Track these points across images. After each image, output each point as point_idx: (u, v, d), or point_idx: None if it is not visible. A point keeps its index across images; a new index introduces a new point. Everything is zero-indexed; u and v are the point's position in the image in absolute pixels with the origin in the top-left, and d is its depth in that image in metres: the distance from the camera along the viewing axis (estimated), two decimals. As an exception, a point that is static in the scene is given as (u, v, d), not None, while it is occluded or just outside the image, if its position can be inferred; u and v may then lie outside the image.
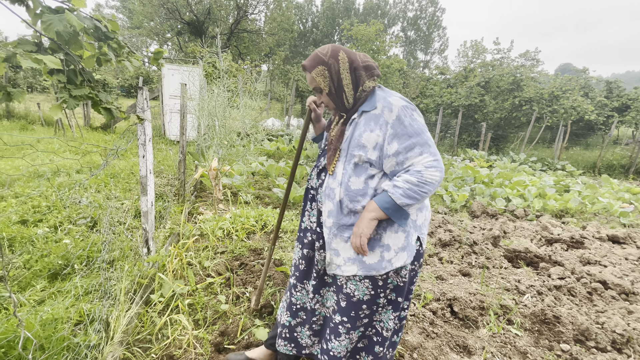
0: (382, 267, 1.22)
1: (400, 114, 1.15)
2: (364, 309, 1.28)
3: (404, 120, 1.15)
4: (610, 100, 14.02)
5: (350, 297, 1.28)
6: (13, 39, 16.22)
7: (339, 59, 1.22)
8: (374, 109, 1.20)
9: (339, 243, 1.25)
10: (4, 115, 9.07)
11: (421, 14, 36.48)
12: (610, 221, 4.76)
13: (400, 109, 1.16)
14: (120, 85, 19.55)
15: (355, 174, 1.21)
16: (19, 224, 2.82)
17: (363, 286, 1.26)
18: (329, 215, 1.25)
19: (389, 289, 1.28)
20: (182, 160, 3.87)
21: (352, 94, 1.24)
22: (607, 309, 2.45)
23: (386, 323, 1.33)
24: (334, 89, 1.24)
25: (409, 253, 1.24)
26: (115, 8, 27.14)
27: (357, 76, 1.22)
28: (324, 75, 1.23)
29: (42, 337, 1.44)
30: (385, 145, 1.17)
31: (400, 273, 1.27)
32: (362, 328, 1.33)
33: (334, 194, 1.23)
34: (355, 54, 1.25)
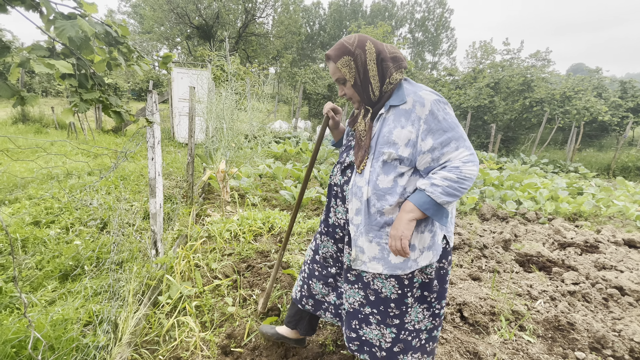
0: (408, 266, 1.21)
1: (434, 109, 1.11)
2: (392, 307, 1.28)
3: (438, 114, 1.11)
4: (625, 101, 13.69)
5: (378, 293, 1.28)
6: (27, 45, 16.70)
7: (366, 49, 1.17)
8: (403, 104, 1.16)
9: (364, 242, 1.23)
10: (19, 118, 9.31)
11: (429, 15, 36.32)
12: (626, 225, 4.63)
13: (433, 103, 1.12)
14: (131, 89, 19.91)
15: (383, 172, 1.17)
16: (32, 225, 2.87)
17: (389, 284, 1.26)
18: (357, 213, 1.23)
19: (416, 287, 1.28)
20: (190, 163, 3.91)
21: (379, 87, 1.19)
22: (624, 316, 2.37)
23: (416, 317, 1.32)
24: (359, 81, 1.20)
25: (435, 252, 1.23)
26: (127, 14, 27.71)
27: (384, 67, 1.18)
28: (349, 66, 1.18)
29: (52, 338, 1.46)
30: (418, 141, 1.13)
31: (425, 271, 1.26)
32: (394, 329, 1.30)
33: (361, 193, 1.20)
34: (383, 45, 1.21)
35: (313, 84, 18.86)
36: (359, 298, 1.32)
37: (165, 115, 11.19)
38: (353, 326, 1.36)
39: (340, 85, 1.27)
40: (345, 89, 1.26)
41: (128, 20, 26.17)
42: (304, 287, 1.58)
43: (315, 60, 33.44)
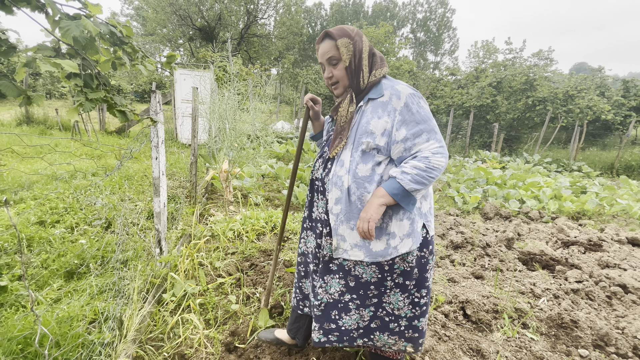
0: (388, 253, 1.25)
1: (408, 101, 1.19)
2: (372, 289, 1.32)
3: (412, 107, 1.19)
4: (628, 100, 13.60)
5: (358, 278, 1.32)
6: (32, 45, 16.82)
7: (363, 40, 1.27)
8: (380, 97, 1.24)
9: (345, 230, 1.27)
10: (24, 120, 9.38)
11: (431, 15, 36.27)
12: (630, 223, 4.61)
13: (408, 97, 1.20)
14: (134, 91, 20.03)
15: (362, 161, 1.23)
16: (37, 224, 2.90)
17: (370, 270, 1.30)
18: (337, 202, 1.27)
19: (396, 274, 1.30)
20: (193, 163, 3.93)
21: (368, 76, 1.27)
22: (627, 314, 2.36)
23: (396, 304, 1.34)
24: (353, 65, 1.26)
25: (414, 240, 1.26)
26: (130, 16, 27.89)
27: (373, 61, 1.28)
28: (348, 48, 1.24)
29: (58, 334, 1.48)
30: (393, 131, 1.20)
31: (406, 259, 1.29)
32: (372, 307, 1.34)
33: (342, 182, 1.25)
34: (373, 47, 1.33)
35: (315, 85, 18.89)
36: (339, 287, 1.34)
37: (168, 117, 11.25)
38: (333, 317, 1.37)
39: (329, 67, 1.30)
40: (336, 71, 1.28)
41: (131, 22, 26.34)
42: (297, 291, 1.61)
43: (317, 61, 33.51)
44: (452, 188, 5.88)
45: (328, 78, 1.32)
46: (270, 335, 1.75)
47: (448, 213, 4.65)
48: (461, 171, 7.25)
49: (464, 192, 5.37)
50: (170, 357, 1.68)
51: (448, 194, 5.53)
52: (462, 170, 7.31)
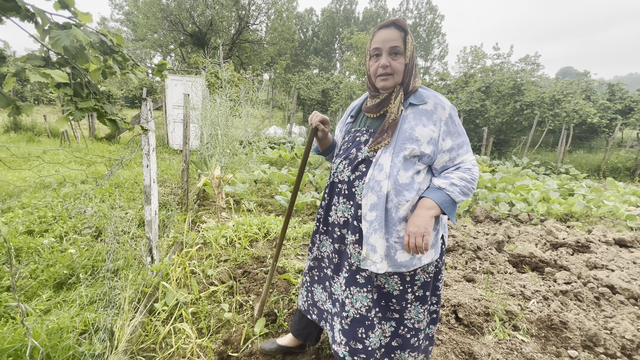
0: (412, 264, 1.25)
1: (452, 113, 1.24)
2: (393, 302, 1.32)
3: (455, 119, 1.24)
4: (613, 103, 13.98)
5: (381, 288, 1.32)
6: (20, 53, 16.47)
7: (414, 43, 1.26)
8: (423, 104, 1.24)
9: (377, 240, 1.21)
10: (11, 127, 9.22)
11: (420, 21, 36.83)
12: (617, 225, 4.72)
13: (452, 109, 1.25)
14: (124, 96, 19.83)
15: (404, 168, 1.20)
16: (26, 234, 2.85)
17: (392, 281, 1.30)
18: (372, 208, 1.20)
19: (417, 286, 1.31)
20: (185, 169, 3.91)
21: (414, 79, 1.27)
22: (615, 314, 2.41)
23: (416, 317, 1.35)
24: (410, 64, 1.24)
25: (436, 250, 1.29)
26: (120, 21, 27.69)
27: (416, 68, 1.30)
28: (412, 45, 1.23)
29: (48, 346, 1.45)
30: (439, 140, 1.22)
31: (427, 270, 1.31)
32: (393, 322, 1.33)
33: (380, 187, 1.19)
34: None
35: (307, 90, 18.97)
36: (367, 302, 1.29)
37: (159, 122, 11.16)
38: (359, 335, 1.30)
39: (388, 56, 1.21)
40: (395, 62, 1.22)
41: (121, 27, 26.17)
42: (308, 295, 1.58)
43: (309, 66, 33.67)
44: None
45: (383, 67, 1.22)
46: (274, 345, 1.75)
47: (440, 217, 4.70)
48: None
49: (455, 195, 5.43)
50: (163, 368, 1.66)
51: (440, 198, 5.59)
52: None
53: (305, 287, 1.61)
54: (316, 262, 1.52)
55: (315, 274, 1.53)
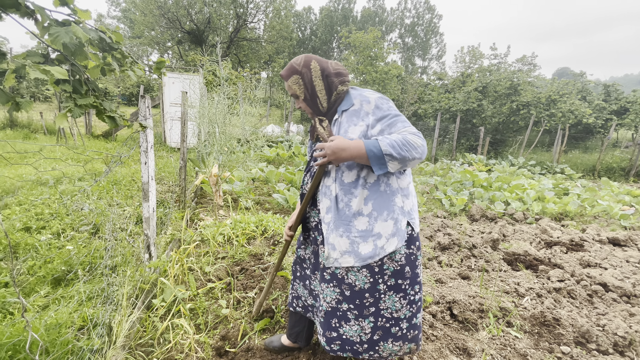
0: (377, 254, 1.29)
1: (378, 103, 1.28)
2: (367, 297, 1.34)
3: (382, 106, 1.28)
4: (609, 104, 14.11)
5: (352, 286, 1.35)
6: (16, 49, 16.34)
7: (311, 68, 1.32)
8: (352, 106, 1.32)
9: (335, 238, 1.31)
10: (7, 124, 9.15)
11: (418, 20, 36.89)
12: (611, 224, 4.77)
13: (377, 99, 1.29)
14: (121, 94, 19.73)
15: (347, 169, 1.30)
16: (23, 231, 2.85)
17: (362, 275, 1.33)
18: (327, 211, 1.33)
19: (387, 275, 1.33)
20: (182, 167, 3.91)
21: (326, 99, 1.35)
22: (608, 312, 2.45)
23: (393, 307, 1.36)
24: (308, 95, 1.34)
25: (399, 237, 1.31)
26: (117, 18, 27.51)
27: (329, 82, 1.33)
28: (298, 84, 1.33)
29: (47, 341, 1.47)
30: (369, 130, 1.27)
31: (394, 258, 1.32)
32: (371, 318, 1.36)
33: (330, 191, 1.32)
34: (327, 62, 1.35)
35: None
36: (336, 295, 1.37)
37: (157, 120, 11.12)
38: (333, 325, 1.40)
39: (295, 100, 1.41)
40: (300, 103, 1.40)
41: (118, 24, 26.00)
42: (292, 288, 1.67)
43: (307, 65, 33.58)
44: (440, 191, 5.99)
45: (298, 108, 1.44)
46: (278, 343, 1.79)
47: (435, 215, 4.74)
48: (448, 174, 7.38)
49: (451, 194, 5.48)
50: (161, 363, 1.68)
51: (435, 197, 5.63)
52: (449, 173, 7.45)
53: (291, 281, 1.70)
54: (299, 260, 1.62)
55: (298, 270, 1.63)
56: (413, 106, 16.13)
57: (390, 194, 1.31)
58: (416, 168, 8.84)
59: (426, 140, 10.81)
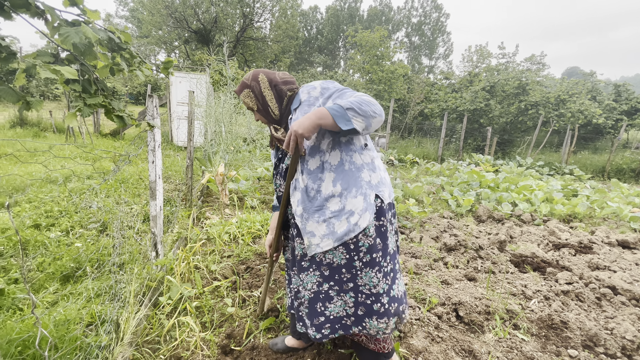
0: (351, 230, 1.31)
1: (323, 85, 1.37)
2: (344, 272, 1.37)
3: (328, 86, 1.37)
4: (619, 104, 13.87)
5: (330, 264, 1.38)
6: (26, 48, 16.53)
7: (259, 80, 1.41)
8: (301, 100, 1.39)
9: (312, 225, 1.35)
10: (17, 122, 9.30)
11: (425, 19, 36.63)
12: (620, 226, 4.70)
13: (321, 83, 1.38)
14: (129, 93, 19.94)
15: (311, 156, 1.34)
16: (33, 228, 2.89)
17: (338, 252, 1.36)
18: (299, 203, 1.37)
19: (362, 252, 1.35)
20: (189, 166, 3.94)
21: (277, 107, 1.42)
22: (616, 315, 2.42)
23: (370, 282, 1.38)
24: (260, 106, 1.42)
25: (371, 211, 1.33)
26: (125, 18, 27.78)
27: (278, 91, 1.41)
28: (250, 96, 1.42)
29: (56, 337, 1.49)
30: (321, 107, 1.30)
31: (368, 233, 1.34)
32: (351, 292, 1.39)
33: (299, 183, 1.37)
34: (275, 73, 1.44)
35: (311, 88, 18.95)
36: (316, 279, 1.41)
37: (164, 119, 11.21)
38: (319, 309, 1.42)
39: (253, 112, 1.49)
40: (256, 115, 1.48)
41: (125, 24, 26.25)
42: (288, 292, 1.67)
43: (312, 64, 33.63)
44: (446, 191, 5.95)
45: (257, 120, 1.51)
46: (282, 344, 1.81)
47: (442, 216, 4.71)
48: (455, 174, 7.33)
49: (457, 195, 5.44)
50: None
51: (442, 197, 5.60)
52: (455, 174, 7.39)
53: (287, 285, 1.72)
54: (287, 263, 1.67)
55: (287, 273, 1.66)
56: (419, 106, 16.03)
57: (356, 171, 1.34)
58: (422, 168, 8.79)
59: (433, 140, 10.66)
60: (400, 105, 16.25)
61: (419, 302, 2.36)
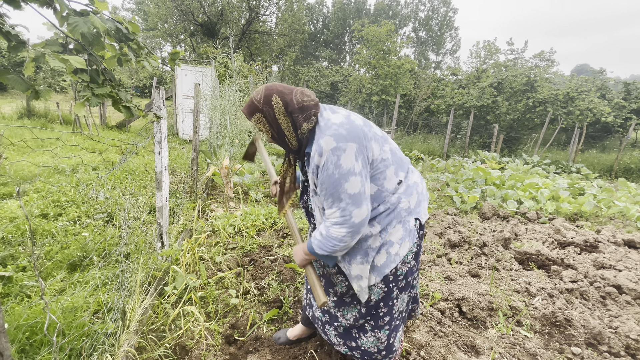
0: (392, 261, 1.27)
1: (328, 160, 1.10)
2: (381, 307, 1.36)
3: (329, 166, 1.10)
4: (629, 102, 13.62)
5: (368, 302, 1.36)
6: (33, 39, 16.56)
7: (273, 104, 1.16)
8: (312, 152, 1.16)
9: (356, 267, 1.28)
10: (25, 113, 9.38)
11: (433, 14, 36.14)
12: (627, 225, 4.65)
13: (329, 153, 1.09)
14: (134, 86, 20.00)
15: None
16: (41, 217, 2.93)
17: (377, 289, 1.32)
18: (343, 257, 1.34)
19: (400, 279, 1.34)
20: (194, 159, 3.96)
21: (295, 136, 1.20)
22: (621, 314, 2.40)
23: (402, 305, 1.42)
24: (275, 134, 1.21)
25: (410, 238, 1.29)
26: (131, 10, 27.75)
27: (294, 119, 1.17)
28: (262, 122, 1.20)
29: (64, 324, 1.52)
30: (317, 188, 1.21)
31: (406, 260, 1.32)
32: (386, 327, 1.39)
33: None
34: (291, 94, 1.17)
35: (316, 82, 18.88)
36: (355, 313, 1.40)
37: (169, 112, 11.25)
38: (354, 335, 1.44)
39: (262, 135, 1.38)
40: (271, 141, 1.28)
41: (132, 16, 26.21)
42: (305, 296, 1.72)
43: (318, 59, 33.41)
44: (451, 188, 5.92)
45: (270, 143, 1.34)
46: (284, 337, 1.82)
47: (446, 212, 4.69)
48: (460, 171, 7.28)
49: (462, 192, 5.41)
50: (172, 348, 1.72)
51: (447, 194, 5.57)
52: (461, 170, 7.34)
53: (305, 286, 1.73)
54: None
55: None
56: (426, 101, 15.90)
57: (393, 207, 1.25)
58: (427, 164, 8.74)
59: (439, 137, 10.49)
60: (406, 100, 16.12)
61: (422, 297, 2.37)
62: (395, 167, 1.25)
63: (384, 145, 1.22)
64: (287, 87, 1.20)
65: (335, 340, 1.49)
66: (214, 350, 1.73)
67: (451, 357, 1.83)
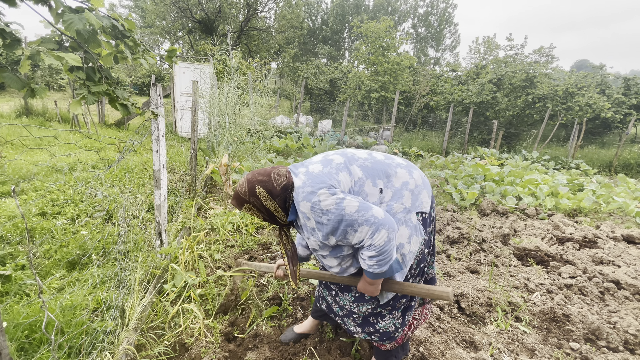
0: (408, 259, 1.33)
1: (317, 220, 1.20)
2: (398, 296, 1.41)
3: (322, 220, 1.18)
4: (628, 98, 13.60)
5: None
6: (30, 38, 16.48)
7: (258, 195, 1.25)
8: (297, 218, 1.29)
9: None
10: (23, 112, 9.34)
11: (432, 10, 35.97)
12: (626, 221, 4.66)
13: (314, 215, 1.19)
14: (132, 83, 19.93)
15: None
16: (39, 216, 2.93)
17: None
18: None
19: (414, 268, 1.39)
20: (193, 156, 3.95)
21: (284, 214, 1.30)
22: (619, 309, 2.41)
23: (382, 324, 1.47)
24: (267, 217, 1.31)
25: (418, 232, 1.33)
26: (129, 7, 27.56)
27: (280, 201, 1.26)
28: (252, 210, 1.30)
29: (62, 322, 1.52)
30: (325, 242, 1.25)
31: (418, 254, 1.38)
32: (403, 307, 1.46)
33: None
34: (271, 180, 1.26)
35: (315, 79, 18.81)
36: (372, 306, 1.45)
37: (167, 110, 11.22)
38: (372, 321, 1.47)
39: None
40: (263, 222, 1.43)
41: (129, 13, 26.04)
42: (317, 289, 1.74)
43: (317, 55, 33.28)
44: (450, 184, 5.92)
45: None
46: (292, 334, 1.84)
47: (445, 209, 4.69)
48: (459, 167, 7.28)
49: (461, 188, 5.41)
50: (171, 346, 1.72)
51: (446, 190, 5.57)
52: (460, 167, 7.34)
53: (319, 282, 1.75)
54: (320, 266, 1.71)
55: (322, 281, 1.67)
56: (425, 98, 15.86)
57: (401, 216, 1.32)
58: (427, 161, 8.74)
59: (438, 133, 10.49)
60: (405, 97, 16.09)
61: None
62: (371, 179, 1.29)
63: (351, 166, 1.29)
64: (264, 173, 1.28)
65: (354, 329, 1.53)
66: (214, 348, 1.73)
67: (450, 352, 1.83)
